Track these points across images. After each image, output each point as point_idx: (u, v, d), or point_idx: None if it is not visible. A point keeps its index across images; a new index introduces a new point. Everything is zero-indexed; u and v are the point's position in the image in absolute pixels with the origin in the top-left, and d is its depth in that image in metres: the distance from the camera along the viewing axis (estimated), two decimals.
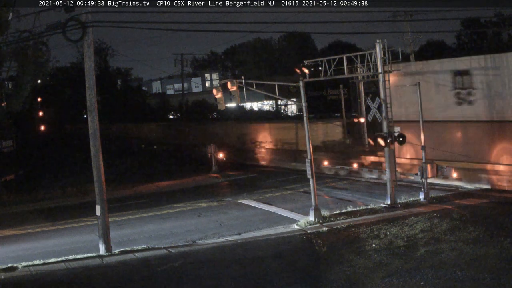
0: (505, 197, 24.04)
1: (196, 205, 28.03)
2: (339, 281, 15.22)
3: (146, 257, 18.76)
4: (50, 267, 18.10)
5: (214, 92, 25.18)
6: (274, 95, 29.94)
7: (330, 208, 24.19)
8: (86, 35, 18.96)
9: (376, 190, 27.81)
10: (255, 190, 31.02)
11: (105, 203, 19.61)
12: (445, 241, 17.86)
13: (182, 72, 67.07)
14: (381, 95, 24.66)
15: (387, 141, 23.92)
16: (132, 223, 24.94)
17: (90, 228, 23.10)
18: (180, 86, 75.66)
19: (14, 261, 18.69)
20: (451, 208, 22.53)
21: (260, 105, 67.81)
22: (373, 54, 24.59)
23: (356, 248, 18.15)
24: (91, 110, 19.53)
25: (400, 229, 19.86)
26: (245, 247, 19.41)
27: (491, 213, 21.23)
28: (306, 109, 23.32)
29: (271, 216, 24.34)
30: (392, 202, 23.97)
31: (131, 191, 33.87)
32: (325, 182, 31.02)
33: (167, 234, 22.30)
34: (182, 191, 33.01)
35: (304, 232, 20.97)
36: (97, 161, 19.54)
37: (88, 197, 29.42)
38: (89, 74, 19.51)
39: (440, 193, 25.57)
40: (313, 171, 22.73)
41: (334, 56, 25.81)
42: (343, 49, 60.31)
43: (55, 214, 28.34)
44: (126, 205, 28.85)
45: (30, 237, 23.48)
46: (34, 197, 32.66)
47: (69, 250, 20.02)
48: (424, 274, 15.03)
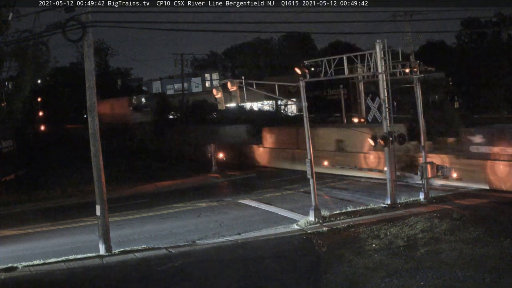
0: (505, 197, 24.03)
1: (196, 205, 28.03)
2: (339, 281, 15.23)
3: (146, 257, 18.76)
4: (50, 267, 18.09)
5: (214, 92, 25.16)
6: (274, 95, 29.93)
7: (330, 208, 24.19)
8: (86, 35, 18.94)
9: (376, 190, 27.80)
10: (255, 190, 31.02)
11: (105, 203, 19.60)
12: (445, 241, 17.86)
13: (182, 72, 67.04)
14: (381, 95, 24.67)
15: (387, 141, 23.92)
16: (132, 223, 24.94)
17: (90, 228, 23.08)
18: (180, 86, 75.60)
19: (14, 261, 18.67)
20: (451, 208, 22.54)
21: (260, 105, 67.76)
22: (373, 54, 24.57)
23: (356, 248, 18.15)
24: (91, 110, 19.52)
25: (400, 229, 19.87)
26: (245, 247, 19.41)
27: (491, 213, 21.24)
28: (306, 109, 23.33)
29: (271, 216, 24.34)
30: (392, 202, 23.97)
31: (131, 191, 33.86)
32: (325, 182, 31.01)
33: (167, 234, 22.30)
34: (182, 191, 32.99)
35: (304, 232, 20.97)
36: (97, 161, 19.53)
37: (88, 197, 29.35)
38: (89, 74, 19.50)
39: (440, 193, 25.57)
40: (313, 171, 22.73)
41: (334, 56, 25.80)
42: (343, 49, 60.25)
43: (55, 214, 28.33)
44: (126, 205, 28.84)
45: (30, 237, 23.48)
46: (34, 197, 32.63)
47: (69, 250, 20.01)
48: (424, 274, 15.03)
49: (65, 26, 18.32)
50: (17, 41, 28.56)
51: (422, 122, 25.50)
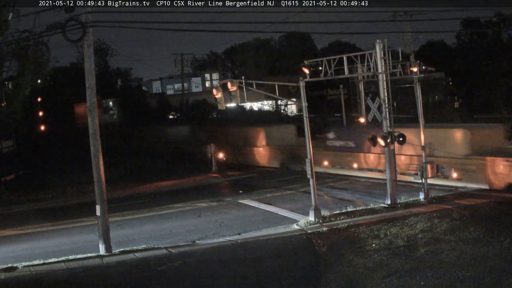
0: (505, 197, 24.03)
1: (196, 205, 28.02)
2: (339, 281, 15.22)
3: (146, 257, 18.76)
4: (50, 267, 18.10)
5: (214, 92, 25.14)
6: (274, 95, 29.96)
7: (330, 208, 24.19)
8: (86, 35, 18.95)
9: (376, 190, 27.80)
10: (255, 190, 31.01)
11: (105, 203, 19.61)
12: (445, 241, 17.86)
13: (182, 72, 67.07)
14: (381, 95, 24.66)
15: (387, 141, 23.91)
16: (132, 223, 24.93)
17: (90, 228, 23.08)
18: (180, 86, 75.55)
19: (14, 261, 18.69)
20: (451, 208, 22.54)
21: (260, 105, 67.77)
22: (373, 54, 24.57)
23: (356, 248, 18.15)
24: (91, 110, 19.53)
25: (400, 229, 19.87)
26: (245, 247, 19.41)
27: (491, 213, 21.24)
28: (306, 109, 23.33)
29: (271, 216, 24.33)
30: (392, 202, 23.97)
31: (131, 191, 33.85)
32: (325, 182, 31.01)
33: (167, 234, 22.30)
34: (182, 191, 32.99)
35: (304, 232, 20.97)
36: (97, 161, 19.54)
37: (88, 197, 29.38)
38: (89, 74, 19.51)
39: (440, 193, 25.57)
40: (313, 171, 22.73)
41: (334, 56, 25.79)
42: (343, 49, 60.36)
43: (55, 214, 28.34)
44: (126, 205, 28.85)
45: (30, 237, 23.48)
46: (34, 197, 32.66)
47: (69, 250, 20.01)
48: (424, 274, 15.02)
49: (65, 26, 18.33)
50: (17, 41, 28.56)
51: (422, 122, 25.50)
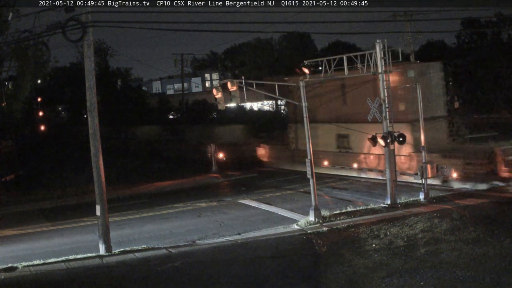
0: (505, 197, 24.03)
1: (196, 205, 28.02)
2: (339, 281, 15.22)
3: (146, 257, 18.76)
4: (50, 267, 18.10)
5: (214, 92, 25.15)
6: (274, 95, 29.91)
7: (330, 208, 24.18)
8: (86, 35, 18.96)
9: (376, 190, 27.81)
10: (255, 190, 31.02)
11: (105, 203, 19.60)
12: (445, 241, 17.86)
13: (182, 72, 67.01)
14: (381, 95, 24.65)
15: (387, 141, 23.91)
16: (132, 223, 24.94)
17: (90, 228, 23.10)
18: (180, 86, 75.53)
19: (14, 261, 18.69)
20: (451, 208, 22.54)
21: (260, 105, 67.72)
22: (373, 54, 24.58)
23: (356, 248, 18.15)
24: (91, 110, 19.53)
25: (400, 229, 19.87)
26: (245, 247, 19.41)
27: (491, 213, 21.23)
28: (306, 109, 23.32)
29: (271, 216, 24.33)
30: (392, 202, 23.97)
31: (131, 191, 33.86)
32: (325, 182, 31.01)
33: (167, 234, 22.30)
34: (182, 191, 33.01)
35: (304, 232, 20.97)
36: (97, 161, 19.54)
37: (88, 197, 29.41)
38: (89, 74, 19.51)
39: (440, 193, 25.57)
40: (313, 171, 22.72)
41: (334, 56, 25.80)
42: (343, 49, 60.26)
43: (55, 214, 28.35)
44: (126, 205, 28.87)
45: (30, 237, 23.48)
46: (34, 197, 32.65)
47: (69, 250, 20.02)
48: (424, 274, 15.03)
49: (65, 26, 18.33)
50: (17, 41, 28.52)
51: (422, 122, 25.49)
